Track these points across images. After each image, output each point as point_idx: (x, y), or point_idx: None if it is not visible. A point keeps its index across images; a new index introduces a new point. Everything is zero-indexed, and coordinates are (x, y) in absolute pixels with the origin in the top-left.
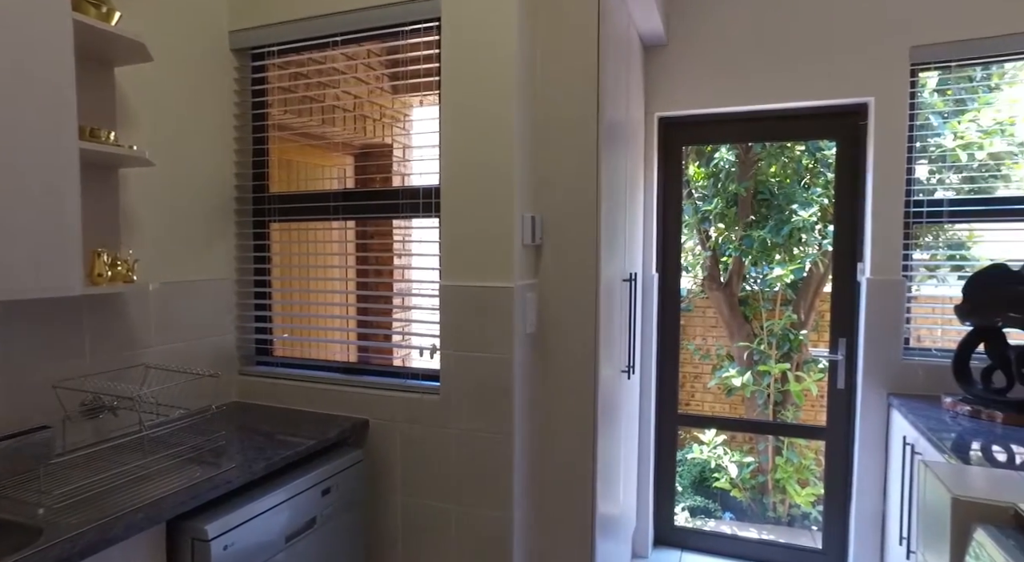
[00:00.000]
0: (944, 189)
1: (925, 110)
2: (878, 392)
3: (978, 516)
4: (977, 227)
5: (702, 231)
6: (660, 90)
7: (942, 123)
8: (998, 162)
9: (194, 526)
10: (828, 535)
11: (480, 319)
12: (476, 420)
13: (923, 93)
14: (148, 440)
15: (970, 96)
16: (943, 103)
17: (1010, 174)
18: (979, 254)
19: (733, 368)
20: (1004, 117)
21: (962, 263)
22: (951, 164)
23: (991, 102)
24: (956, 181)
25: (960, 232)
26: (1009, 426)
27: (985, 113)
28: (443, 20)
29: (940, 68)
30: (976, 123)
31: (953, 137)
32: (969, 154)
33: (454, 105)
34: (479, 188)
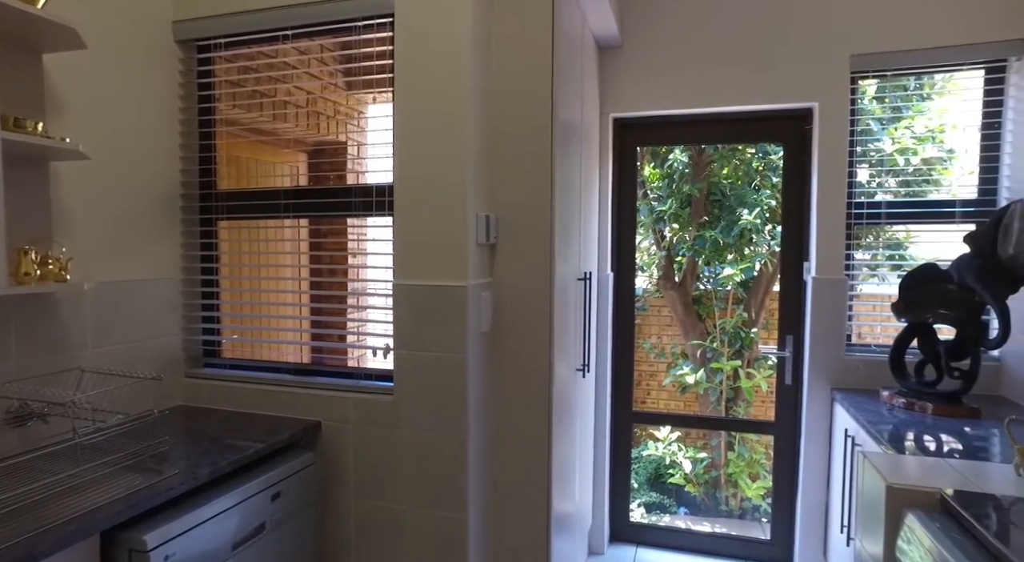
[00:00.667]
0: (883, 192)
1: (865, 116)
2: (823, 387)
3: (909, 502)
4: (913, 228)
5: (657, 231)
6: (615, 91)
7: (881, 129)
8: (930, 167)
9: (132, 537)
10: (776, 526)
11: (434, 318)
12: (430, 420)
13: (863, 100)
14: (82, 448)
15: (905, 104)
16: (881, 110)
17: (940, 179)
18: (915, 254)
19: (687, 366)
20: (935, 125)
21: (900, 263)
22: (889, 168)
23: (923, 111)
24: (894, 185)
25: (898, 233)
26: (938, 417)
27: (919, 121)
28: (396, 16)
29: (878, 76)
30: (911, 130)
31: (891, 143)
32: (905, 159)
33: (407, 103)
34: (432, 186)
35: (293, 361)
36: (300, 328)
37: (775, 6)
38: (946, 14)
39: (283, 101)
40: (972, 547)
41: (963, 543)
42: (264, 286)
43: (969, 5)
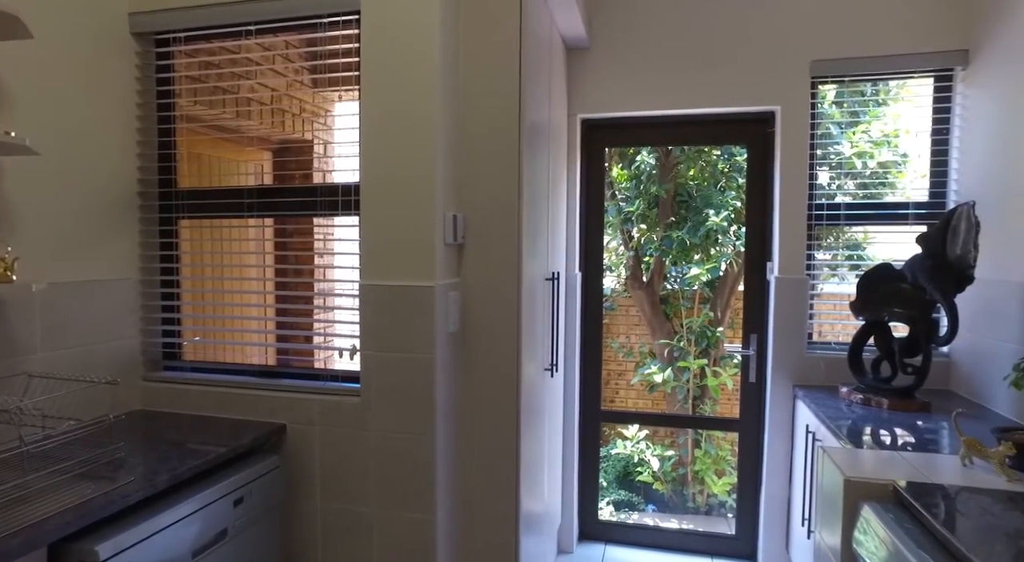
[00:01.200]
0: (843, 194)
1: (825, 121)
2: (785, 384)
3: (865, 494)
4: (870, 229)
5: (625, 231)
6: (582, 92)
7: (840, 133)
8: (885, 170)
9: (83, 548)
10: (740, 521)
11: (401, 319)
12: (398, 421)
13: (823, 104)
14: (29, 456)
15: (862, 109)
16: (840, 114)
17: (895, 182)
18: (873, 254)
19: (655, 365)
20: (890, 130)
21: (859, 263)
22: (847, 171)
23: (879, 116)
24: (852, 187)
25: (856, 234)
26: (893, 411)
27: (875, 126)
28: (363, 13)
29: (836, 81)
30: (867, 134)
31: (849, 146)
32: (862, 163)
33: (374, 101)
34: (400, 186)
35: (258, 363)
36: (265, 330)
37: (739, 12)
38: (898, 23)
39: (246, 98)
40: (922, 536)
41: (914, 532)
42: (228, 287)
43: (919, 16)
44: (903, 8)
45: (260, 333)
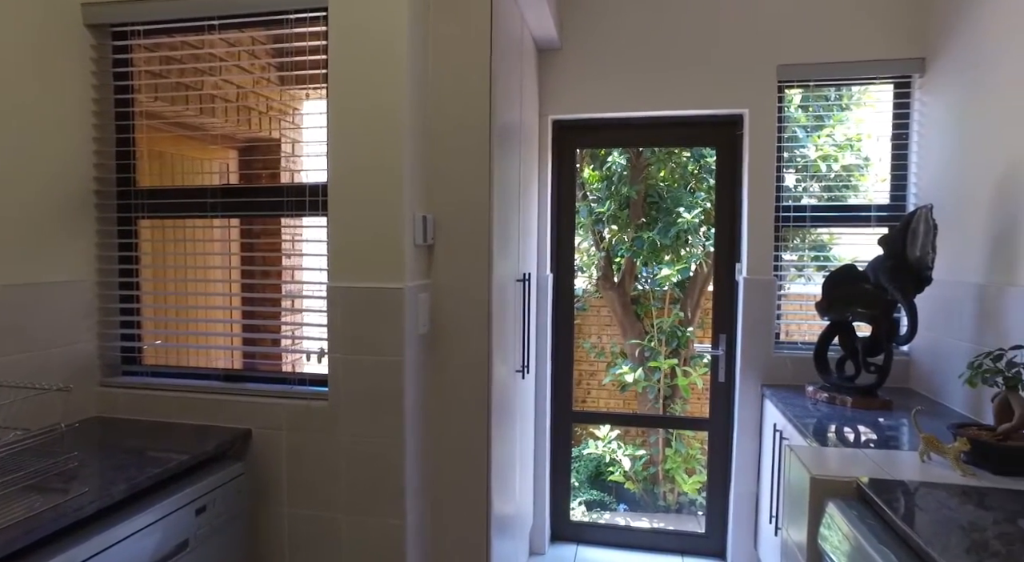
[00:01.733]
0: (809, 196)
1: (792, 124)
2: (753, 384)
3: (830, 492)
4: (835, 231)
5: (596, 232)
6: (554, 93)
7: (805, 136)
8: (849, 173)
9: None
10: (710, 519)
11: (370, 321)
12: (367, 425)
13: (790, 108)
14: None
15: (827, 113)
16: (806, 118)
17: (858, 185)
18: (838, 255)
19: (626, 365)
20: (853, 134)
21: (824, 263)
22: (813, 173)
23: (843, 120)
24: (818, 189)
25: (822, 235)
26: (857, 409)
27: (839, 129)
28: (330, 10)
29: (802, 86)
30: (832, 138)
31: (814, 149)
32: (827, 165)
33: (342, 100)
34: (368, 186)
35: (223, 367)
36: (230, 332)
37: (709, 16)
38: (860, 30)
39: (211, 95)
40: (883, 531)
41: (876, 528)
42: (192, 288)
43: (879, 24)
44: (865, 16)
45: (225, 336)
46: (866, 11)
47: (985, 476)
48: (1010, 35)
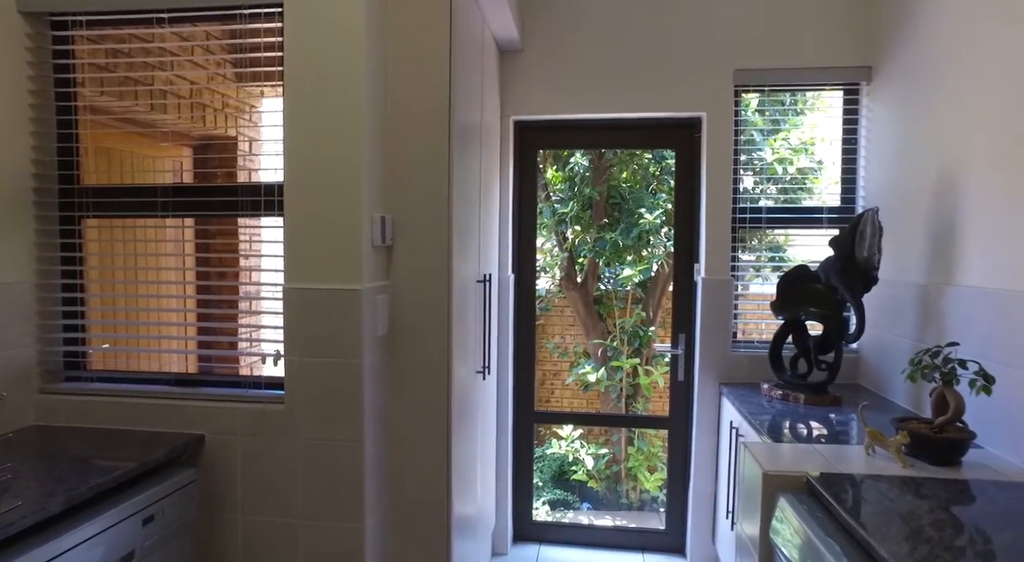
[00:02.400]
0: (766, 198)
1: (749, 128)
2: (712, 382)
3: (781, 486)
4: (790, 232)
5: (560, 233)
6: (516, 94)
7: (762, 140)
8: (804, 176)
9: None
10: (670, 515)
11: (327, 323)
12: (324, 428)
13: (747, 112)
14: None
15: (782, 118)
16: (763, 122)
17: (812, 187)
18: (793, 256)
19: (589, 365)
20: (807, 138)
21: (780, 264)
22: (769, 176)
23: (798, 124)
24: (774, 191)
25: (778, 236)
26: (809, 406)
27: (794, 133)
28: (286, 5)
29: (757, 91)
30: (787, 141)
31: (771, 152)
32: (783, 168)
33: (299, 98)
34: (326, 186)
35: (175, 371)
36: (183, 336)
37: (668, 21)
38: (812, 38)
39: (162, 90)
40: (831, 523)
41: (823, 521)
42: (142, 290)
43: (830, 32)
44: (817, 24)
45: (178, 339)
46: (818, 20)
47: (923, 467)
48: (946, 50)
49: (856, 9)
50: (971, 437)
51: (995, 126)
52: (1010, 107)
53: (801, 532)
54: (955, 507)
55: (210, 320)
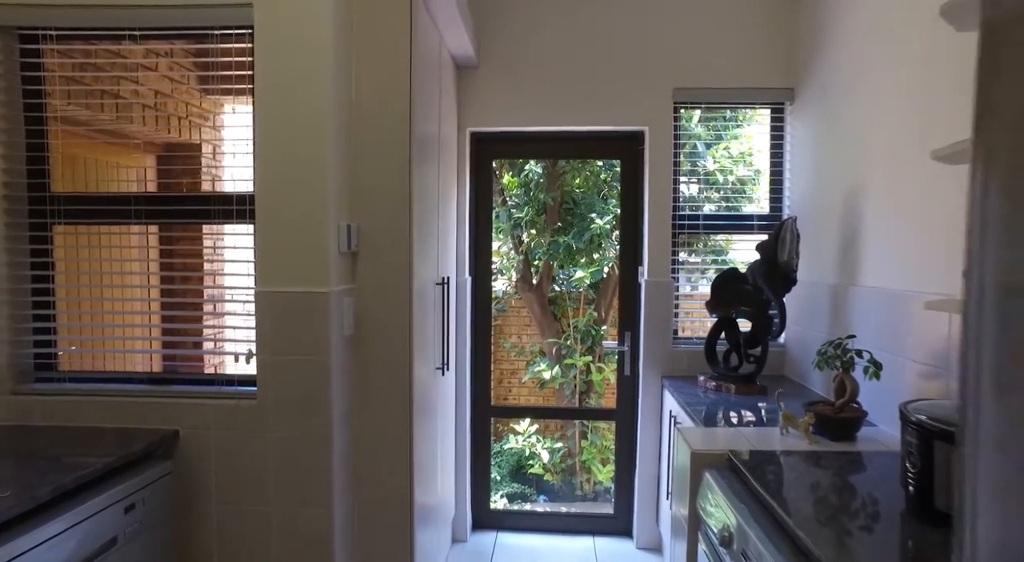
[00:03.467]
0: (710, 203)
1: (692, 139)
2: (655, 376)
3: (707, 463)
4: (726, 237)
5: (515, 237)
6: (472, 108)
7: (705, 150)
8: (742, 184)
9: None
10: (618, 501)
11: (297, 324)
12: (294, 422)
13: (690, 125)
14: None
15: (723, 130)
16: (706, 133)
17: (750, 195)
18: (734, 258)
19: (544, 363)
20: (746, 149)
21: (722, 266)
22: (711, 184)
23: (737, 137)
24: (717, 198)
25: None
26: (739, 395)
27: (734, 145)
28: (256, 29)
29: (695, 107)
30: (728, 152)
31: (713, 162)
32: (724, 177)
33: (268, 114)
34: (294, 196)
35: (145, 371)
36: (153, 336)
37: (613, 41)
38: (743, 60)
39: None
40: (746, 492)
41: (740, 491)
42: (110, 294)
43: (758, 55)
44: (747, 48)
45: (147, 340)
46: (748, 44)
47: (826, 442)
48: (847, 81)
49: (780, 36)
50: (863, 415)
51: (884, 154)
52: (896, 138)
53: (722, 502)
54: (847, 474)
55: (178, 322)
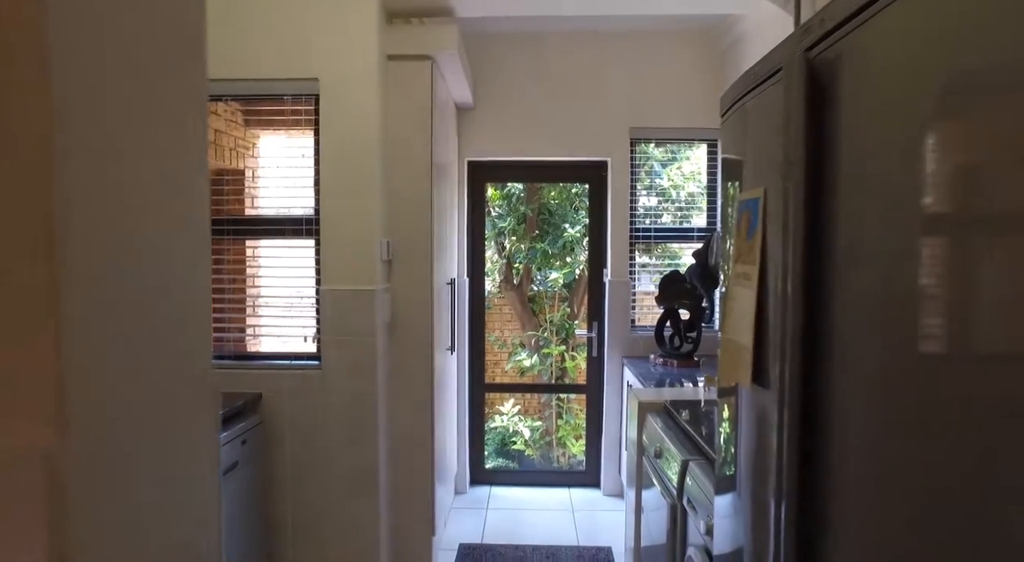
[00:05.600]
0: (668, 214)
1: (651, 160)
2: (617, 356)
3: (649, 409)
4: (674, 246)
5: (499, 243)
6: (469, 141)
7: (661, 169)
8: (692, 198)
9: None
10: (588, 458)
11: (352, 313)
12: (349, 386)
13: (650, 149)
14: None
15: (677, 153)
16: (662, 155)
17: (701, 206)
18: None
19: (524, 353)
20: (695, 169)
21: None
22: (666, 198)
23: (688, 158)
24: (672, 209)
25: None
26: (680, 368)
27: (686, 165)
28: (321, 95)
29: (648, 142)
30: (680, 171)
31: (667, 179)
32: (677, 193)
33: (330, 156)
34: (351, 219)
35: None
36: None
37: (581, 91)
38: (683, 107)
39: None
40: (675, 427)
41: (671, 425)
42: None
43: (695, 101)
44: (686, 96)
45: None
46: (687, 93)
47: None
48: None
49: (710, 87)
50: None
51: None
52: None
53: (657, 434)
54: None
55: (262, 315)
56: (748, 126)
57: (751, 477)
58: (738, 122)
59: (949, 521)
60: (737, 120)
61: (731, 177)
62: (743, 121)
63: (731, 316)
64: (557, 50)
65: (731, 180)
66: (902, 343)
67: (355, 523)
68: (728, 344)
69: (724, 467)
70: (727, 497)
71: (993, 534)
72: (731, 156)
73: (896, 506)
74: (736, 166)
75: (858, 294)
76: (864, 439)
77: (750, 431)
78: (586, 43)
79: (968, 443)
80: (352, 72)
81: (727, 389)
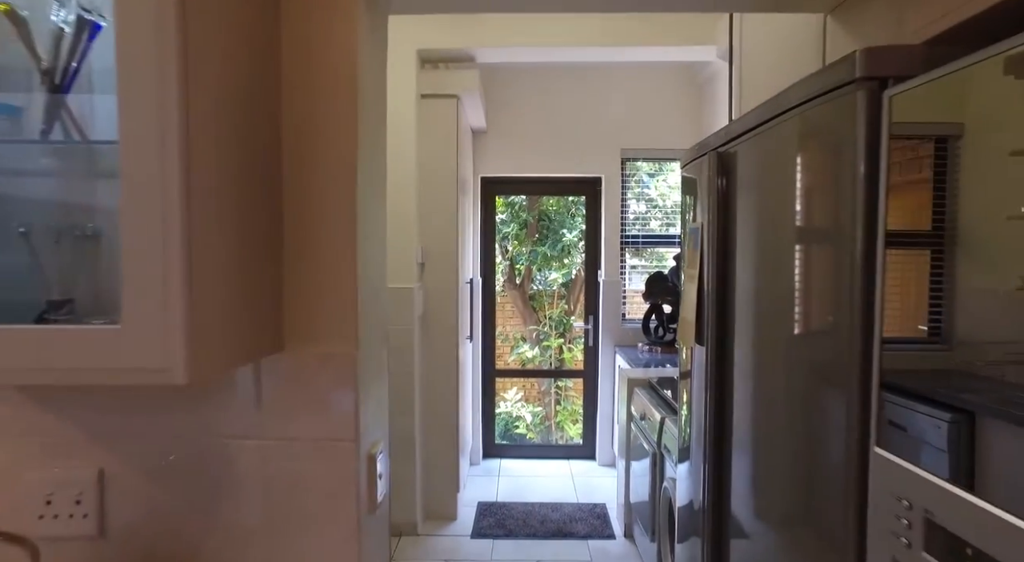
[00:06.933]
0: (655, 221)
1: (641, 172)
2: (610, 345)
3: (637, 385)
4: (660, 250)
5: (502, 246)
6: (483, 160)
7: (649, 179)
8: (677, 208)
9: None
10: (585, 434)
11: (394, 307)
12: (393, 368)
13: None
14: None
15: (662, 166)
16: (650, 168)
17: None
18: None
19: (526, 346)
20: (679, 181)
21: (661, 268)
22: (654, 206)
23: (673, 170)
24: (661, 215)
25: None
26: (663, 354)
27: (671, 177)
28: None
29: (637, 159)
30: (667, 182)
31: (655, 189)
32: (664, 201)
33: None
34: (394, 231)
35: None
36: None
37: (579, 117)
38: (668, 129)
39: None
40: (659, 399)
41: (656, 398)
42: None
43: (678, 126)
44: (670, 121)
45: None
46: (671, 118)
47: None
48: None
49: (691, 113)
50: None
51: None
52: None
53: (643, 405)
54: None
55: None
56: (698, 177)
57: (695, 425)
58: (692, 172)
59: (795, 431)
60: (691, 170)
61: (689, 205)
62: (696, 172)
63: (684, 301)
64: (559, 81)
65: (689, 210)
66: (763, 316)
67: (398, 481)
68: (682, 320)
69: (683, 442)
70: (684, 465)
71: (812, 440)
72: (688, 195)
73: (761, 420)
74: (693, 193)
75: (744, 286)
76: (744, 371)
77: (699, 382)
78: (584, 76)
79: (796, 381)
80: (394, 109)
81: (685, 372)
